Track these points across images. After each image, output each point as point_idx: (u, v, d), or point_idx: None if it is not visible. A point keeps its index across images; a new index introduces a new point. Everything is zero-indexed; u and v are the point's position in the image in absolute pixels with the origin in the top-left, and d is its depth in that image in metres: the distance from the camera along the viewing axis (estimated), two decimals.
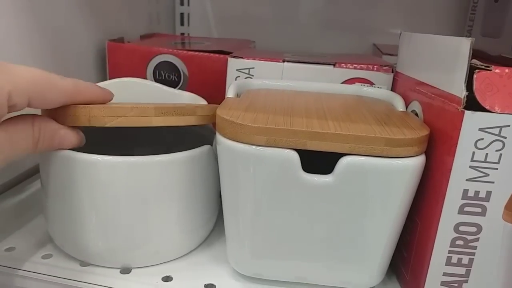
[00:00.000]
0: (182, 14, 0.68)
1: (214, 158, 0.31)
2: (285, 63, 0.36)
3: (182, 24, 0.69)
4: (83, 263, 0.30)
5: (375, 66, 0.35)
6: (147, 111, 0.27)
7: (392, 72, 0.35)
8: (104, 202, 0.28)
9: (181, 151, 0.29)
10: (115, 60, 0.45)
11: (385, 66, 0.35)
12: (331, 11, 0.64)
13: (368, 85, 0.35)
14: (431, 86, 0.27)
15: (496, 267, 0.25)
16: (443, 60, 0.25)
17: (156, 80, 0.45)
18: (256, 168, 0.25)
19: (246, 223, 0.27)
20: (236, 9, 0.65)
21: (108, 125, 0.27)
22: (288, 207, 0.26)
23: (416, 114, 0.29)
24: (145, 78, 0.44)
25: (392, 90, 0.35)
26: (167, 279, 0.29)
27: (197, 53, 0.43)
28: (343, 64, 0.35)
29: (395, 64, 0.35)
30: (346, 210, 0.26)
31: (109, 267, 0.30)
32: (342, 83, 0.36)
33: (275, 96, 0.31)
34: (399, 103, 0.31)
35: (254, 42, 0.56)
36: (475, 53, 0.57)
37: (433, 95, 0.26)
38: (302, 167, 0.25)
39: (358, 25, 0.63)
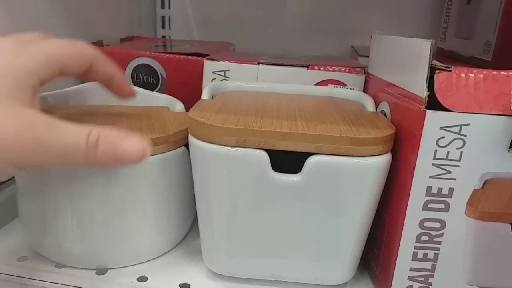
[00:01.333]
0: (163, 17, 0.68)
1: (189, 159, 0.31)
2: (260, 66, 0.37)
3: (163, 27, 0.69)
4: (59, 265, 0.30)
5: (347, 68, 0.36)
6: None
7: (364, 73, 0.36)
8: (80, 204, 0.28)
9: None
10: None
11: (357, 67, 0.36)
12: (312, 14, 0.65)
13: (341, 86, 0.36)
14: (398, 86, 0.28)
15: (461, 261, 0.26)
16: (407, 61, 0.26)
17: (135, 83, 0.45)
18: (226, 169, 0.26)
19: (219, 222, 0.28)
20: (217, 12, 0.66)
21: None
22: (260, 206, 0.27)
23: (385, 114, 0.30)
24: None
25: (364, 91, 0.36)
26: (142, 279, 0.30)
27: (174, 55, 0.43)
28: (316, 66, 0.36)
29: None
30: (315, 208, 0.26)
31: (84, 268, 0.30)
32: (316, 84, 0.36)
33: (249, 98, 0.32)
34: (369, 104, 0.32)
35: (233, 44, 0.57)
36: (449, 54, 0.59)
37: (399, 95, 0.27)
38: (275, 168, 0.25)
39: (338, 28, 0.64)
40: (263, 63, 0.37)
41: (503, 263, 0.26)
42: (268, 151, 0.25)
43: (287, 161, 0.25)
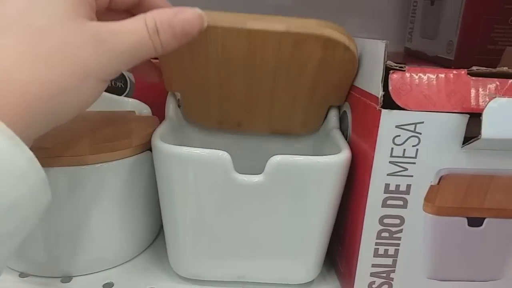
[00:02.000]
0: None
1: None
2: None
3: None
4: (23, 274, 0.30)
5: None
6: (81, 151, 0.27)
7: None
8: None
9: None
10: None
11: None
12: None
13: None
14: (357, 87, 0.28)
15: (421, 256, 0.27)
16: (364, 62, 0.27)
17: None
18: (189, 171, 0.26)
19: (183, 225, 0.28)
20: None
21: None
22: (224, 208, 0.27)
23: (347, 114, 0.30)
24: None
25: None
26: (108, 285, 0.29)
27: None
28: None
29: None
30: (279, 208, 0.27)
31: (49, 276, 0.30)
32: None
33: None
34: None
35: None
36: (416, 54, 0.60)
37: (358, 95, 0.28)
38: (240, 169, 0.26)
39: None
40: None
41: (461, 256, 0.27)
42: (231, 153, 0.25)
43: (250, 163, 0.26)
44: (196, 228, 0.28)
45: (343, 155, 0.26)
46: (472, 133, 0.24)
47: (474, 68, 0.24)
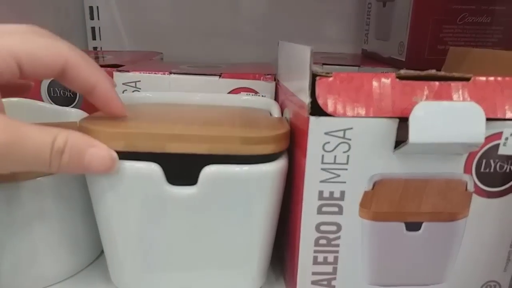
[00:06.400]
0: (93, 28, 0.67)
1: None
2: (172, 75, 0.36)
3: (94, 38, 0.67)
4: None
5: (257, 76, 0.36)
6: None
7: (275, 80, 0.36)
8: None
9: None
10: None
11: (267, 75, 0.36)
12: (239, 22, 0.65)
13: (253, 94, 0.36)
14: (292, 93, 0.28)
15: (361, 262, 0.26)
16: (295, 68, 0.27)
17: (51, 97, 0.43)
18: (119, 184, 0.25)
19: (120, 240, 0.27)
20: (145, 21, 0.65)
21: None
22: (158, 221, 0.26)
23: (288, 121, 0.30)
24: (39, 96, 0.43)
25: (275, 97, 0.36)
26: None
27: None
28: (228, 75, 0.36)
29: None
30: (216, 219, 0.26)
31: None
32: (229, 93, 0.36)
33: (155, 108, 0.31)
34: (274, 110, 0.32)
35: (161, 53, 0.56)
36: (371, 55, 0.60)
37: (293, 103, 0.28)
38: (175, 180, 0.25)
39: (265, 34, 0.64)
40: (174, 73, 0.36)
41: (402, 261, 0.27)
42: (165, 164, 0.25)
43: (187, 173, 0.25)
44: (133, 242, 0.27)
45: (279, 164, 0.26)
46: (404, 137, 0.23)
47: (402, 71, 0.24)
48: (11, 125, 0.20)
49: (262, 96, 0.36)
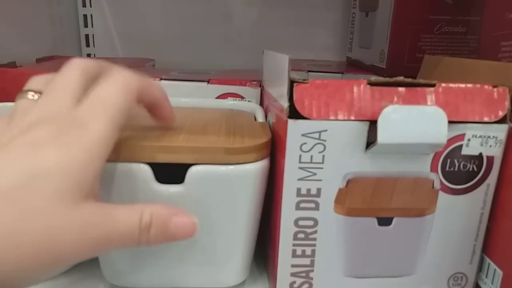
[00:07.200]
0: (87, 36, 0.69)
1: None
2: (162, 81, 0.38)
3: (88, 45, 0.69)
4: None
5: (243, 81, 0.38)
6: None
7: (260, 86, 0.38)
8: None
9: None
10: (3, 85, 0.45)
11: (253, 81, 0.38)
12: (229, 30, 0.67)
13: (239, 99, 0.38)
14: (275, 99, 0.30)
15: (337, 255, 0.28)
16: (277, 75, 0.29)
17: None
18: (110, 183, 0.27)
19: None
20: (138, 29, 0.67)
21: None
22: None
23: (271, 125, 0.32)
24: None
25: (260, 102, 0.38)
26: None
27: None
28: (215, 81, 0.38)
29: None
30: (201, 216, 0.28)
31: None
32: (217, 98, 0.38)
33: (145, 114, 0.33)
34: (259, 115, 0.34)
35: (153, 60, 0.58)
36: (355, 63, 0.62)
37: (275, 107, 0.30)
38: (166, 177, 0.27)
39: (254, 42, 0.67)
40: (165, 79, 0.38)
41: (374, 254, 0.29)
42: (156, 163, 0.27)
43: (177, 171, 0.27)
44: None
45: (261, 164, 0.28)
46: (374, 139, 0.26)
47: (373, 78, 0.26)
48: (101, 212, 0.21)
49: (248, 101, 0.38)
